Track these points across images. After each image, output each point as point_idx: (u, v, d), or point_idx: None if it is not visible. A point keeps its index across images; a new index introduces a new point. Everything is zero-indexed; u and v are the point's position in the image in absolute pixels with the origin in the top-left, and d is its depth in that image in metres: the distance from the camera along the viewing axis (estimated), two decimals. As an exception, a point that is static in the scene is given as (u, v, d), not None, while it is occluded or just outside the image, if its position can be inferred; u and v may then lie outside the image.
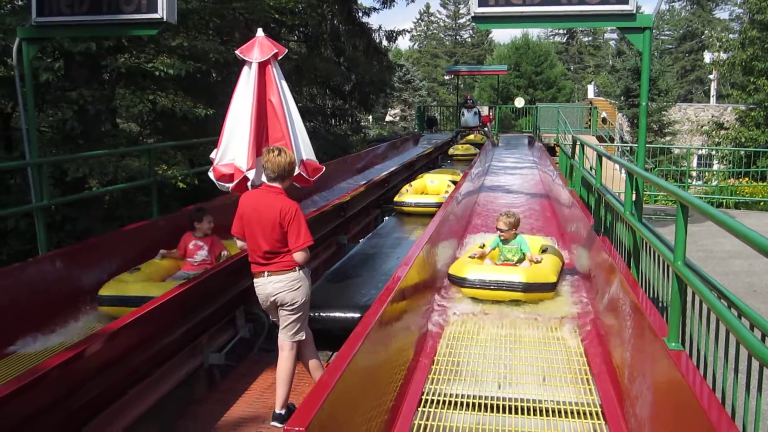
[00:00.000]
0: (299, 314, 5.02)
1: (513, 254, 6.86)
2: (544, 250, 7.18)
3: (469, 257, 6.86)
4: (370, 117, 43.89)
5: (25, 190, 9.32)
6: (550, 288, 6.33)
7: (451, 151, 22.18)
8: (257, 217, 4.96)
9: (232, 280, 6.33)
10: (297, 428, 2.81)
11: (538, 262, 6.70)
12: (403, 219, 11.56)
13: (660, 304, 4.96)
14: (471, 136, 23.36)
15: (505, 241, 6.90)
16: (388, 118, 51.08)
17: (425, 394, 4.48)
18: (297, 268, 4.97)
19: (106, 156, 9.23)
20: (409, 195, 12.02)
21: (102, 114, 10.57)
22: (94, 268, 6.73)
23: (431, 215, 9.59)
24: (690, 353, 3.92)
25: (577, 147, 10.66)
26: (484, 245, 7.32)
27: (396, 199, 11.99)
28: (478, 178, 14.34)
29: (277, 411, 4.89)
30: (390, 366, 4.36)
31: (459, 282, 6.37)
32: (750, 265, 9.55)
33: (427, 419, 4.20)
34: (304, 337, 5.09)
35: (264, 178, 5.17)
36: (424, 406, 4.34)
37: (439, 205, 11.10)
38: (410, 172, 17.34)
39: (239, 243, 5.19)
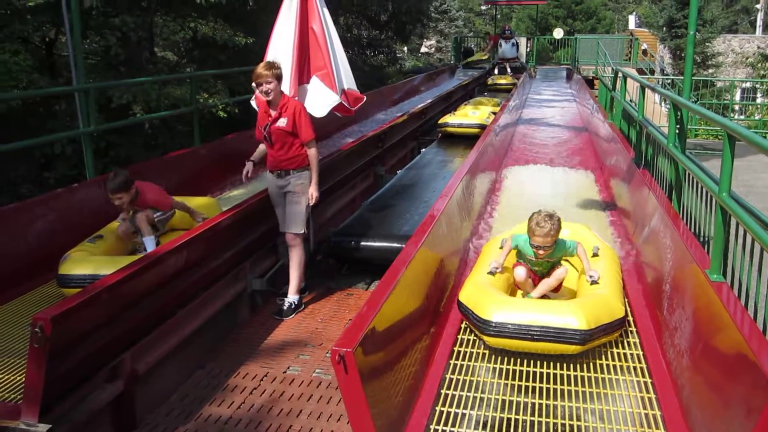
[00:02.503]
0: None
1: (545, 267, 4.73)
2: (594, 254, 5.04)
3: (489, 273, 4.68)
4: (405, 48, 43.27)
5: (70, 116, 9.47)
6: (619, 326, 4.27)
7: (489, 81, 22.19)
8: None
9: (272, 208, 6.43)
10: (344, 349, 2.91)
11: (595, 282, 4.59)
12: (440, 151, 11.57)
13: (701, 238, 4.97)
14: (499, 79, 22.92)
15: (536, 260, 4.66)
16: (423, 50, 50.31)
17: (463, 321, 4.56)
18: None
19: (149, 83, 9.31)
20: (453, 117, 13.02)
21: (143, 41, 10.61)
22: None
23: (474, 136, 9.68)
24: (732, 286, 3.94)
25: (619, 79, 10.49)
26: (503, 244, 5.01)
27: (440, 121, 13.08)
28: (516, 110, 14.23)
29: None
30: (431, 293, 4.45)
31: (477, 324, 4.18)
32: (791, 202, 9.44)
33: (467, 346, 4.31)
34: None
35: (280, 88, 5.63)
36: (464, 334, 4.44)
37: (481, 126, 11.49)
38: (447, 104, 17.25)
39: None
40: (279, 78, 5.52)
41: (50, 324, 3.42)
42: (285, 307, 5.76)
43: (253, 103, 6.34)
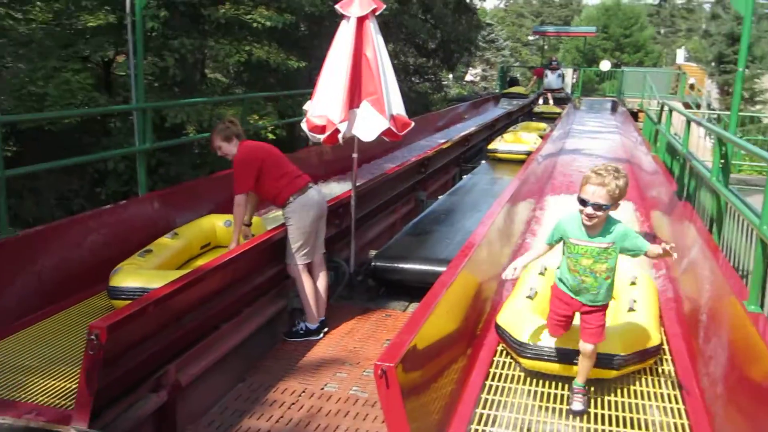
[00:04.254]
0: None
1: (602, 263, 3.75)
2: (632, 283, 5.06)
3: (527, 297, 4.69)
4: (450, 75, 43.58)
5: (125, 134, 9.79)
6: (654, 353, 4.34)
7: (536, 109, 22.48)
8: (270, 152, 5.85)
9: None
10: (386, 364, 3.02)
11: (632, 310, 4.57)
12: (482, 178, 11.65)
13: (740, 272, 4.99)
14: (544, 107, 23.14)
15: (592, 234, 3.73)
16: (468, 78, 50.59)
17: (500, 344, 4.63)
18: None
19: (202, 104, 9.61)
20: (502, 143, 13.68)
21: (199, 63, 10.95)
22: (191, 208, 7.09)
23: (521, 162, 9.84)
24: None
25: (665, 112, 10.50)
26: (545, 271, 5.08)
27: (489, 146, 13.76)
28: (560, 140, 14.28)
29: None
30: (469, 315, 4.54)
31: (514, 347, 4.27)
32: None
33: (503, 368, 4.38)
34: None
35: (232, 146, 5.73)
36: (500, 356, 4.51)
37: (528, 153, 11.90)
38: (491, 131, 17.35)
39: (240, 201, 5.66)
40: (226, 139, 5.69)
41: (105, 332, 3.58)
42: (292, 329, 5.91)
43: (304, 125, 6.50)
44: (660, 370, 4.38)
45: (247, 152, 5.68)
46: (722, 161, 5.72)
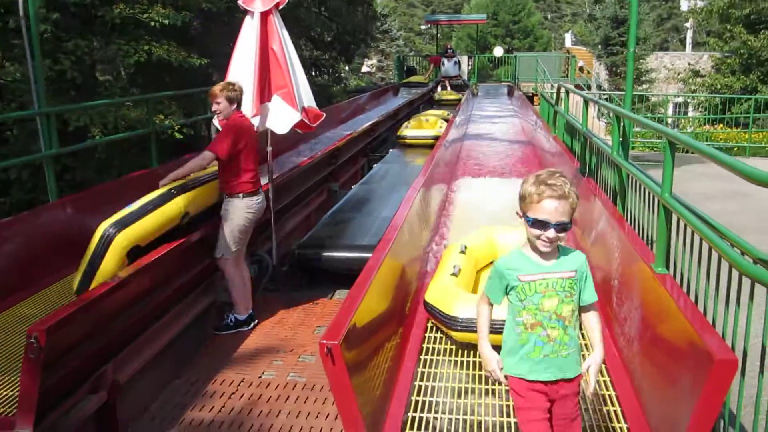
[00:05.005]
0: None
1: (569, 303, 2.83)
2: None
3: (452, 275, 4.87)
4: (347, 68, 43.71)
5: (23, 141, 9.49)
6: None
7: (436, 96, 22.98)
8: (254, 142, 5.79)
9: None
10: (331, 342, 3.16)
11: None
12: (391, 167, 11.88)
13: (644, 238, 5.35)
14: (446, 95, 23.73)
15: (549, 260, 2.84)
16: (365, 69, 50.81)
17: (429, 320, 4.84)
18: None
19: (106, 106, 9.43)
20: (409, 129, 14.45)
21: (97, 65, 10.70)
22: (102, 213, 6.97)
23: (429, 146, 10.21)
24: (675, 277, 4.29)
25: (562, 94, 10.98)
26: (465, 249, 5.31)
27: (398, 133, 14.57)
28: (462, 126, 14.69)
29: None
30: (398, 296, 4.72)
31: (445, 321, 4.44)
32: (723, 207, 10.01)
33: (434, 342, 4.59)
34: None
35: (231, 110, 5.79)
36: (430, 332, 4.72)
37: (435, 137, 12.66)
38: (394, 121, 17.62)
39: (205, 160, 5.65)
40: (230, 100, 5.73)
41: (44, 334, 3.58)
42: (222, 322, 6.00)
43: (215, 121, 6.53)
44: (579, 335, 4.66)
45: (241, 123, 5.74)
46: (621, 136, 6.09)
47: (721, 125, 21.35)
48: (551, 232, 2.67)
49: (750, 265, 2.95)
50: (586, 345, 4.23)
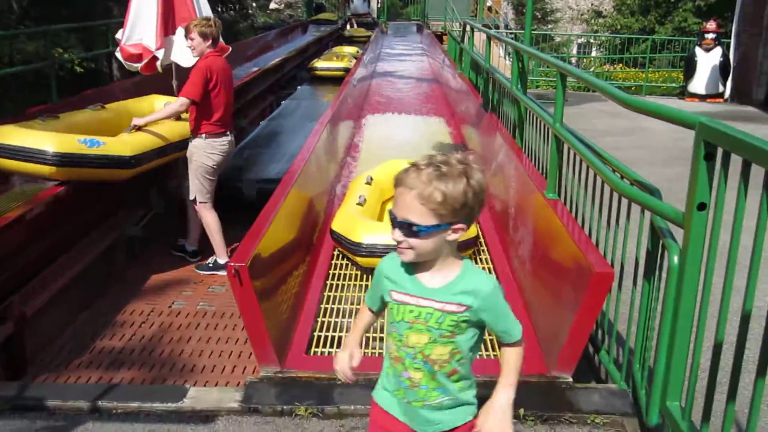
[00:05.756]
0: None
1: (445, 344, 1.92)
2: None
3: (357, 204, 5.12)
4: (254, 3, 42.69)
5: None
6: (472, 244, 4.85)
7: (347, 33, 22.96)
8: (225, 82, 5.56)
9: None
10: (238, 264, 3.28)
11: None
12: (299, 104, 11.89)
13: (540, 169, 5.64)
14: (356, 31, 23.81)
15: (430, 283, 1.93)
16: (272, 6, 49.71)
17: (336, 248, 5.01)
18: None
19: (0, 37, 9.07)
20: (321, 62, 14.93)
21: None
22: None
23: (339, 79, 10.35)
24: (564, 202, 4.57)
25: (467, 32, 11.17)
26: (371, 180, 5.60)
27: (309, 65, 15.08)
28: (371, 64, 14.76)
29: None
30: (305, 226, 4.86)
31: (350, 248, 4.66)
32: (617, 141, 10.49)
33: (340, 269, 4.77)
34: None
35: (205, 47, 5.52)
36: (337, 260, 4.90)
37: (345, 69, 13.13)
38: (302, 59, 17.48)
39: (182, 105, 5.47)
40: (203, 35, 5.47)
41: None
42: (204, 262, 5.98)
43: (118, 54, 6.43)
44: (478, 259, 4.94)
45: (211, 63, 5.46)
46: (520, 71, 6.32)
47: (621, 65, 22.05)
48: (396, 232, 1.85)
49: (627, 186, 3.21)
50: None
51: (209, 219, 5.74)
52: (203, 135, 5.55)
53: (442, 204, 1.79)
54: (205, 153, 5.59)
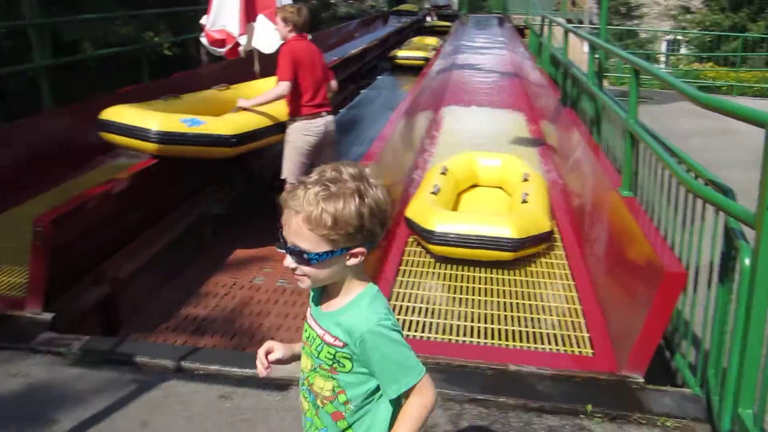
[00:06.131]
0: None
1: (325, 378, 1.72)
2: (525, 180, 5.66)
3: (431, 193, 5.26)
4: (338, -7, 43.07)
5: (18, 53, 9.58)
6: (546, 238, 4.96)
7: (427, 24, 23.21)
8: (313, 64, 5.64)
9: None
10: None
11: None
12: (380, 92, 12.08)
13: (617, 165, 5.66)
14: (437, 22, 24.00)
15: (326, 306, 1.75)
16: (355, -5, 50.05)
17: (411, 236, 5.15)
18: None
19: (95, 21, 9.52)
20: (402, 51, 15.68)
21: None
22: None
23: (419, 68, 10.49)
24: (640, 201, 4.60)
25: (546, 26, 11.17)
26: (446, 171, 5.79)
27: (390, 54, 15.78)
28: (451, 56, 14.81)
29: None
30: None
31: (423, 235, 4.78)
32: (705, 142, 10.28)
33: (415, 255, 4.91)
34: None
35: (286, 32, 5.65)
36: (411, 246, 5.04)
37: (425, 59, 13.39)
38: (383, 49, 17.66)
39: (283, 89, 5.56)
40: (284, 20, 5.59)
41: (49, 225, 3.93)
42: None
43: (204, 39, 6.67)
44: (553, 254, 5.01)
45: (294, 46, 5.57)
46: (596, 65, 6.35)
47: (710, 63, 21.44)
48: (287, 259, 1.66)
49: (699, 185, 3.23)
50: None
51: None
52: (297, 117, 5.65)
53: (333, 228, 1.55)
54: (301, 135, 5.67)
